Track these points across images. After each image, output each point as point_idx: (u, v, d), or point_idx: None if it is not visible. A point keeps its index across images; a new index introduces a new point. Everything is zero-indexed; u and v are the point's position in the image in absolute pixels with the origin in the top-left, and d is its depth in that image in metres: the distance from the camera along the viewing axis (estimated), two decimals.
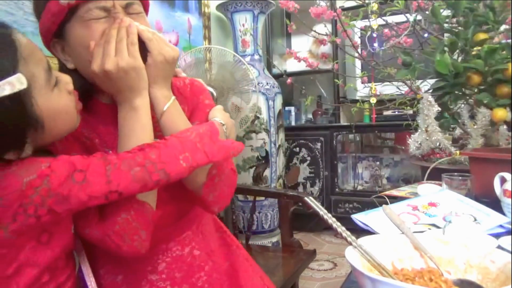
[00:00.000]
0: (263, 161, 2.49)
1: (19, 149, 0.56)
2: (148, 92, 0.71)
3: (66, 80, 0.65)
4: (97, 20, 0.69)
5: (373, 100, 1.74)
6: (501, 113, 0.83)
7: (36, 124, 0.57)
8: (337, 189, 2.96)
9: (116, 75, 0.66)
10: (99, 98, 0.77)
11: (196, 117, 0.83)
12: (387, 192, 1.16)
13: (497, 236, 0.69)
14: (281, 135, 2.70)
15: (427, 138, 1.15)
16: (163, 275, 0.77)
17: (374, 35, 1.53)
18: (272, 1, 2.52)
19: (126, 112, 0.70)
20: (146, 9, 0.79)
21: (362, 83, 1.86)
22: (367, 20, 1.51)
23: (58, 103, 0.61)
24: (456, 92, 0.90)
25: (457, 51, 0.90)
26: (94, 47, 0.68)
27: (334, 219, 0.55)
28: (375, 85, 1.79)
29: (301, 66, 1.98)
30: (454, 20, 0.97)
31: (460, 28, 0.91)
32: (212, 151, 0.66)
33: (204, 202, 0.78)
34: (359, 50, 1.55)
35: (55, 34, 0.72)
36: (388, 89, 1.91)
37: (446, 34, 1.03)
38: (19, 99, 0.54)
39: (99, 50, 0.67)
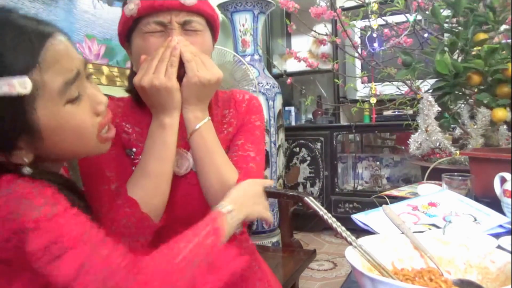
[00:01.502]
0: None
1: (8, 151, 0.53)
2: (181, 111, 0.74)
3: (99, 100, 0.61)
4: (152, 33, 0.74)
5: (373, 100, 1.73)
6: (501, 113, 0.83)
7: (31, 133, 0.53)
8: (337, 189, 2.96)
9: (149, 92, 0.70)
10: None
11: (242, 134, 0.85)
12: (387, 192, 1.16)
13: (497, 236, 0.69)
14: (281, 135, 2.70)
15: (427, 138, 1.15)
16: None
17: (374, 35, 1.53)
18: (272, 1, 2.52)
19: (154, 127, 0.73)
20: (214, 27, 0.82)
21: (362, 83, 1.86)
22: (367, 20, 1.51)
23: (65, 119, 0.56)
24: (456, 92, 0.90)
25: (457, 51, 0.90)
26: (143, 61, 0.71)
27: (334, 219, 0.55)
28: (375, 85, 1.79)
29: (301, 66, 1.98)
30: (454, 20, 0.97)
31: (460, 28, 0.91)
32: (198, 283, 0.55)
33: None
34: (359, 50, 1.55)
35: (126, 38, 0.79)
36: (388, 89, 1.91)
37: (446, 34, 1.03)
38: (17, 103, 0.51)
39: (144, 65, 0.71)
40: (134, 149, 0.80)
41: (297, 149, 3.08)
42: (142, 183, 0.72)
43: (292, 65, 3.17)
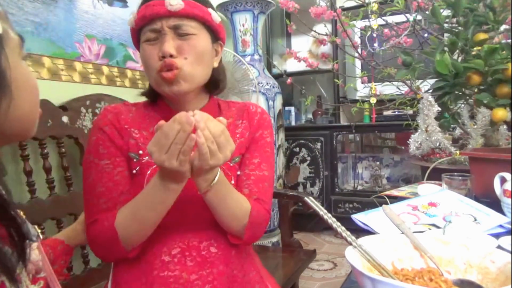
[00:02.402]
0: None
1: None
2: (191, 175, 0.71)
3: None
4: (148, 42, 0.79)
5: (373, 100, 1.73)
6: (501, 113, 0.83)
7: (3, 82, 0.44)
8: (337, 189, 2.96)
9: (161, 168, 0.68)
10: (164, 100, 0.86)
11: (257, 152, 0.89)
12: (387, 192, 1.16)
13: (497, 236, 0.69)
14: (281, 135, 2.70)
15: (427, 138, 1.15)
16: (175, 259, 0.80)
17: (374, 35, 1.53)
18: (272, 1, 2.52)
19: (159, 185, 0.71)
20: (212, 29, 0.83)
21: (362, 83, 1.86)
22: (367, 20, 1.51)
23: (28, 73, 0.50)
24: (456, 92, 0.90)
25: (457, 51, 0.90)
26: (159, 129, 0.66)
27: (334, 219, 0.55)
28: (375, 85, 1.79)
29: (301, 66, 1.98)
30: (454, 20, 0.97)
31: (460, 28, 0.91)
32: None
33: (239, 241, 0.83)
34: (359, 50, 1.55)
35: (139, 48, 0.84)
36: (388, 89, 1.91)
37: (446, 34, 1.03)
38: None
39: (158, 136, 0.65)
40: (140, 151, 0.81)
41: (297, 149, 3.08)
42: (128, 223, 0.74)
43: (292, 65, 3.17)
